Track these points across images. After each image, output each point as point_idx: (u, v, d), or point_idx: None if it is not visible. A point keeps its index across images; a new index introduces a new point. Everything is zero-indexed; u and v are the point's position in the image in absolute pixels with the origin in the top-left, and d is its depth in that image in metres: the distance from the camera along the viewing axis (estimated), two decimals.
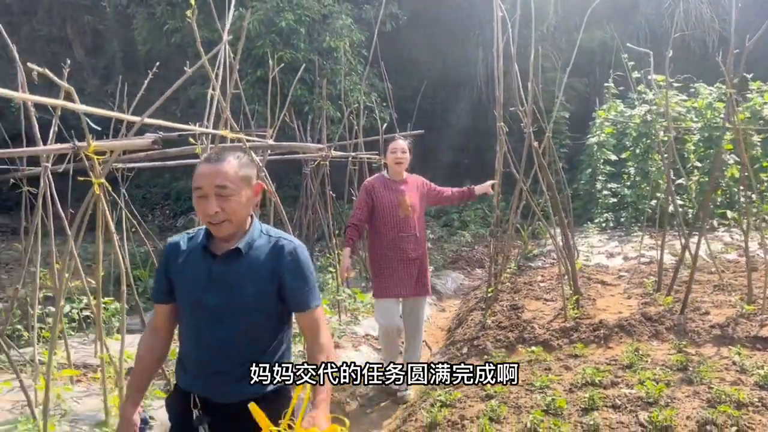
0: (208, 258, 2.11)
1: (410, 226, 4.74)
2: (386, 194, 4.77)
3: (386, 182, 4.84)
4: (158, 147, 2.86)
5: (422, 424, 3.87)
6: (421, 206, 4.86)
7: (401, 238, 4.71)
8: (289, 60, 11.91)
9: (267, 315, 2.13)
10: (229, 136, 4.04)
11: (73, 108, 2.64)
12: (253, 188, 2.13)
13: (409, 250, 4.72)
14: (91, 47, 17.91)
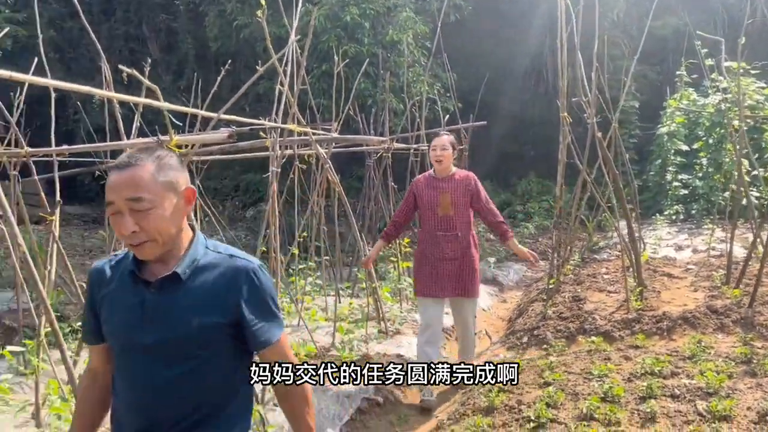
0: (139, 286, 1.68)
1: (450, 225, 4.53)
2: (428, 192, 4.61)
3: (430, 180, 4.66)
4: (232, 141, 3.07)
5: (480, 407, 3.98)
6: (464, 205, 4.58)
7: (439, 237, 4.53)
8: (353, 54, 12.11)
9: (217, 355, 1.69)
10: (296, 130, 4.24)
11: (156, 105, 2.88)
12: (183, 194, 1.65)
13: (446, 250, 4.52)
14: (165, 45, 18.65)
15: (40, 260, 4.36)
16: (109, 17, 18.25)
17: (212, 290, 1.67)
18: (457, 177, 4.62)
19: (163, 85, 17.28)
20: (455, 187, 4.56)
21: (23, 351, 4.00)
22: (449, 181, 4.58)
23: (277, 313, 1.75)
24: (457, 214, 4.52)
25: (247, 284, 1.68)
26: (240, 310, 1.67)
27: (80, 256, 9.58)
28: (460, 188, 4.57)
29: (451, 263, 4.53)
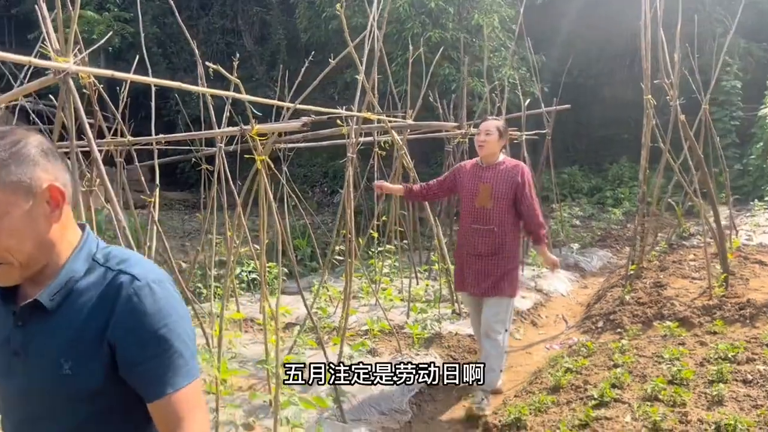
0: (9, 315, 1.26)
1: (487, 219, 4.07)
2: (469, 180, 4.21)
3: (474, 167, 4.27)
4: (308, 129, 3.32)
5: (546, 386, 4.08)
6: (506, 199, 4.06)
7: (474, 230, 4.13)
8: (437, 40, 12.19)
9: (111, 411, 1.25)
10: (370, 118, 4.45)
11: (240, 98, 3.17)
12: (43, 196, 1.19)
13: (479, 245, 4.10)
14: (258, 36, 19.38)
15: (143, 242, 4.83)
16: (207, 12, 19.17)
17: (86, 322, 1.20)
18: (503, 167, 4.14)
19: (256, 76, 18.10)
20: (498, 177, 4.10)
21: None
22: (493, 171, 4.14)
23: (181, 351, 1.21)
24: (497, 207, 4.06)
25: (125, 310, 1.19)
26: (115, 346, 1.20)
27: (180, 238, 10.33)
28: (504, 179, 4.08)
29: (481, 260, 4.10)
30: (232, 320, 5.42)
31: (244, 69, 18.91)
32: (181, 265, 6.71)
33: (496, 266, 4.06)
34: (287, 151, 7.38)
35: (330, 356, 4.36)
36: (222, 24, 19.10)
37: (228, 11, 19.35)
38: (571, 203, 13.08)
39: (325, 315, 5.42)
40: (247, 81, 17.94)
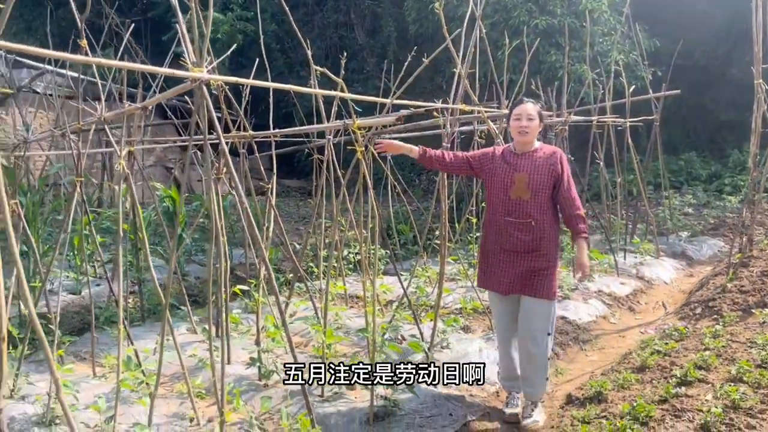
0: None
1: (523, 211, 3.66)
2: (502, 168, 3.77)
3: (507, 155, 3.82)
4: (402, 122, 3.69)
5: (633, 366, 4.23)
6: (545, 189, 3.66)
7: (508, 224, 3.69)
8: (544, 26, 12.16)
9: None
10: (463, 109, 4.75)
11: (342, 96, 3.61)
12: None
13: (514, 240, 3.69)
14: (370, 29, 19.98)
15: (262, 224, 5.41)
16: (322, 8, 20.01)
17: None
18: (540, 154, 3.73)
19: (367, 68, 18.70)
20: (536, 166, 3.68)
21: (248, 289, 5.05)
22: (529, 158, 3.72)
23: None
24: (535, 198, 3.65)
25: None
26: None
27: (295, 222, 11.11)
28: (543, 168, 3.67)
29: (519, 257, 3.70)
30: (340, 296, 5.95)
31: (355, 62, 19.68)
32: (295, 246, 7.31)
33: (533, 264, 3.66)
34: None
35: (425, 330, 4.75)
36: (335, 18, 19.87)
37: (341, 6, 20.09)
38: (687, 190, 12.62)
39: (422, 294, 5.79)
40: (359, 73, 18.63)
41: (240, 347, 4.60)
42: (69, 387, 3.62)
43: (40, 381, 3.99)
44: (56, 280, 5.12)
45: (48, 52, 2.27)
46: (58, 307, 4.60)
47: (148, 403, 3.26)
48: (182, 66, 2.84)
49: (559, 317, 5.40)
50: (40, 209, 7.31)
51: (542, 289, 3.66)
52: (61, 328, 4.49)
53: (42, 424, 3.44)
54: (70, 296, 6.38)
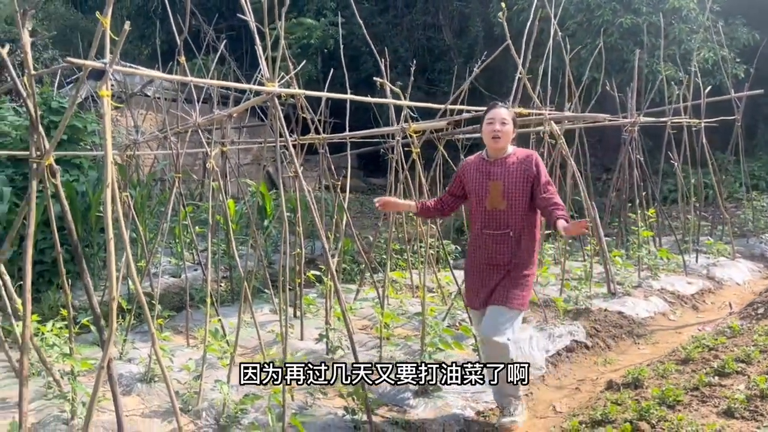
0: None
1: (500, 222, 3.47)
2: (476, 178, 3.59)
3: (479, 163, 3.62)
4: (454, 126, 4.09)
5: (678, 358, 4.41)
6: (522, 196, 3.45)
7: (486, 236, 3.52)
8: (629, 25, 12.05)
9: None
10: (523, 113, 5.06)
11: (399, 104, 4.05)
12: None
13: (494, 253, 3.50)
14: (457, 30, 20.27)
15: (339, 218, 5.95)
16: (410, 10, 20.50)
17: None
18: (512, 159, 3.52)
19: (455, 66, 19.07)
20: (509, 172, 3.48)
21: (320, 275, 5.60)
22: (502, 165, 3.52)
23: None
24: (512, 208, 3.46)
25: None
26: None
27: (375, 218, 11.65)
28: (517, 173, 3.47)
29: (494, 270, 3.52)
30: (407, 286, 6.40)
31: (442, 62, 20.01)
32: (369, 239, 7.83)
33: (509, 274, 3.48)
34: (465, 141, 8.16)
35: None
36: (424, 20, 20.30)
37: (430, 8, 20.49)
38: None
39: None
40: (445, 73, 18.97)
41: (313, 327, 5.16)
42: (166, 352, 4.28)
43: (143, 347, 4.70)
44: (159, 264, 5.88)
45: (152, 72, 2.85)
46: (159, 287, 5.32)
47: (227, 364, 3.84)
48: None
49: (615, 311, 5.59)
50: (147, 202, 8.23)
51: (514, 299, 3.43)
52: (162, 305, 5.23)
53: (144, 381, 4.11)
54: (171, 279, 7.21)
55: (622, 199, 7.86)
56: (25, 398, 2.61)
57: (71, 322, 3.72)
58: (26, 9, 3.02)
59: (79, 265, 2.84)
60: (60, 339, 4.03)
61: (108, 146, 2.57)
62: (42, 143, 2.81)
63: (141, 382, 4.12)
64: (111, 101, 2.63)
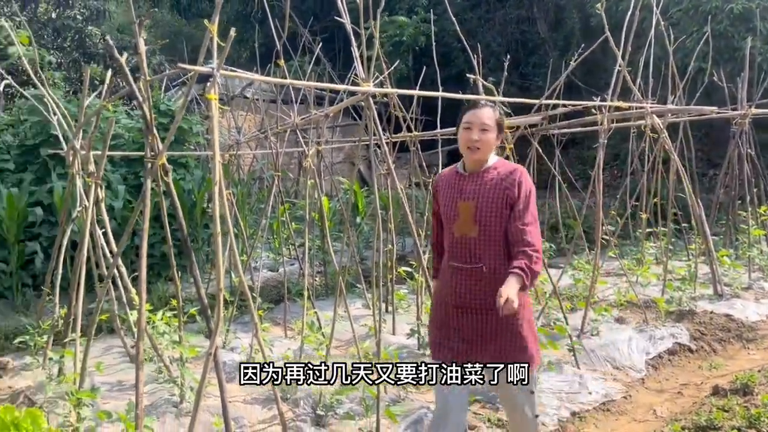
0: None
1: (470, 253, 2.67)
2: (446, 194, 2.81)
3: (452, 177, 2.84)
4: (548, 122, 4.01)
5: None
6: (498, 221, 2.63)
7: (453, 270, 2.73)
8: (740, 11, 11.32)
9: None
10: (623, 107, 4.89)
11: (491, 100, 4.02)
12: None
13: (462, 291, 2.69)
14: (553, 22, 19.76)
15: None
16: (504, 4, 20.20)
17: None
18: (491, 175, 2.70)
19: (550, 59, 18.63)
20: (485, 190, 2.68)
21: (411, 271, 5.65)
22: (477, 182, 2.72)
23: None
24: (485, 235, 2.65)
25: None
26: None
27: None
28: (494, 193, 2.66)
29: (468, 315, 2.69)
30: None
31: (537, 56, 19.60)
32: None
33: (502, 322, 2.61)
34: (560, 136, 7.97)
35: (577, 319, 5.00)
36: (517, 14, 19.93)
37: (524, 1, 20.11)
38: None
39: (579, 284, 5.97)
40: (540, 67, 18.55)
41: (404, 322, 5.22)
42: (266, 342, 4.46)
43: (245, 337, 4.93)
44: (259, 259, 6.14)
45: (255, 76, 3.00)
46: (259, 280, 5.56)
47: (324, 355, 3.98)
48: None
49: (722, 314, 5.31)
50: (247, 199, 8.60)
51: (514, 351, 2.65)
52: (261, 298, 5.47)
53: None
54: (269, 273, 7.50)
55: (730, 196, 7.43)
56: (141, 381, 2.81)
57: (181, 312, 3.96)
58: (141, 18, 3.25)
59: (189, 259, 3.03)
60: (169, 327, 4.30)
61: (215, 146, 2.73)
62: (156, 144, 3.02)
63: None
64: (218, 104, 2.79)
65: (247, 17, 20.45)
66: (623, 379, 4.26)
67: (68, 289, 5.42)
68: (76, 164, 4.42)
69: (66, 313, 4.40)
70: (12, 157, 6.65)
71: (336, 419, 3.58)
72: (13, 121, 7.13)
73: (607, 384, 4.11)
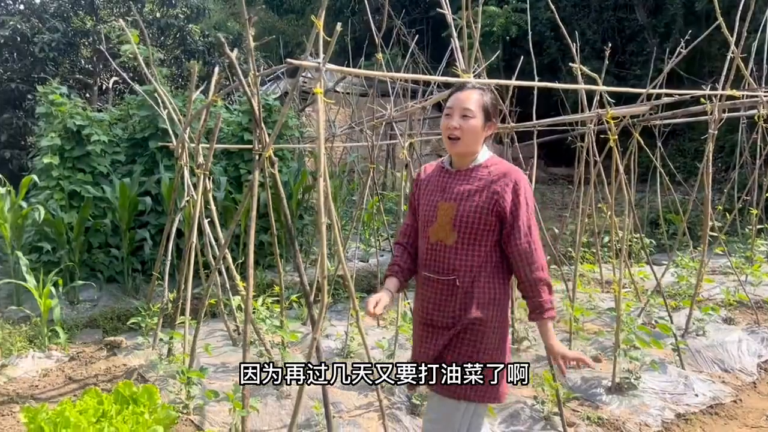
0: None
1: (444, 263, 2.29)
2: (428, 192, 2.42)
3: (437, 172, 2.45)
4: (653, 112, 3.84)
5: None
6: (481, 228, 2.24)
7: (426, 281, 2.35)
8: None
9: None
10: (736, 95, 4.62)
11: (593, 89, 3.90)
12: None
13: (431, 307, 2.32)
14: (652, 8, 18.88)
15: None
16: None
17: None
18: (481, 174, 2.30)
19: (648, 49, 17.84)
20: (470, 192, 2.28)
21: None
22: (463, 180, 2.33)
23: None
24: (464, 244, 2.26)
25: None
26: None
27: (558, 209, 11.33)
28: (481, 197, 2.26)
29: (436, 333, 2.32)
30: (596, 280, 6.17)
31: (634, 43, 18.82)
32: (555, 231, 7.62)
33: (464, 345, 2.27)
34: (663, 127, 7.62)
35: (681, 318, 4.79)
36: (614, 0, 19.19)
37: None
38: None
39: (683, 281, 5.70)
40: (637, 55, 17.80)
41: None
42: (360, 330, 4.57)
43: (339, 325, 5.05)
44: (357, 248, 6.25)
45: (358, 70, 3.04)
46: (354, 270, 5.67)
47: None
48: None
49: None
50: (339, 191, 8.76)
51: (474, 389, 2.23)
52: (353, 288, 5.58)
53: (341, 356, 4.43)
54: (359, 263, 7.63)
55: None
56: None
57: (283, 298, 4.10)
58: (250, 16, 3.38)
59: (292, 247, 3.14)
60: (269, 313, 4.46)
61: (321, 139, 2.80)
62: (264, 137, 3.13)
63: (338, 356, 4.43)
64: (324, 98, 2.86)
65: (338, 12, 20.77)
66: (732, 382, 4.05)
67: (174, 274, 5.76)
68: (184, 156, 4.67)
69: (175, 297, 4.65)
70: (122, 149, 7.08)
71: None
72: (123, 115, 7.57)
73: (714, 386, 3.91)
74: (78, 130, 6.52)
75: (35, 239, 6.28)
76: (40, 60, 11.14)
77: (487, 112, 2.29)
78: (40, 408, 3.18)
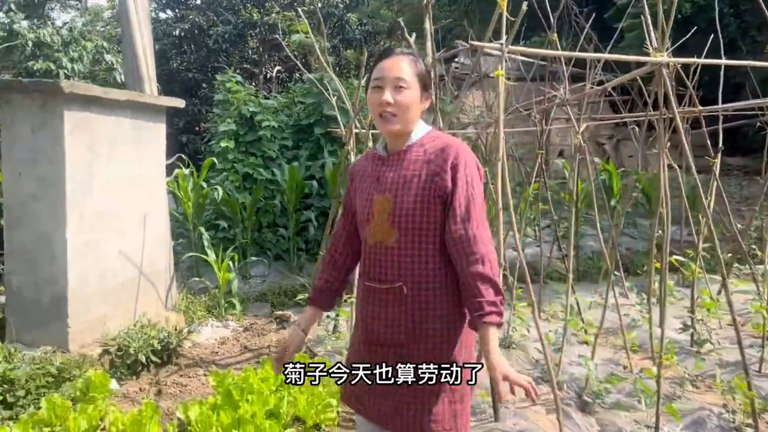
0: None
1: (386, 267, 1.88)
2: (363, 188, 2.00)
3: (370, 162, 2.02)
4: None
5: None
6: (428, 222, 1.83)
7: (367, 292, 1.95)
8: None
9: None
10: None
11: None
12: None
13: (375, 322, 1.91)
14: None
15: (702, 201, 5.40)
16: None
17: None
18: (415, 155, 1.89)
19: None
20: (405, 178, 1.87)
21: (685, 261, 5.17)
22: (397, 165, 1.91)
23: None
24: (406, 241, 1.84)
25: None
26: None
27: (736, 203, 10.33)
28: (418, 181, 1.85)
29: (384, 352, 1.91)
30: None
31: None
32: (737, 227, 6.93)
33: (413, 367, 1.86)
34: None
35: None
36: None
37: None
38: None
39: None
40: None
41: (671, 315, 4.82)
42: (523, 321, 4.46)
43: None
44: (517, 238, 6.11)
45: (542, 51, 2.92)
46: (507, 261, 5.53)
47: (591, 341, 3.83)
48: (632, 46, 3.22)
49: None
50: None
51: (431, 423, 1.82)
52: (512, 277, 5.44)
53: (502, 346, 4.35)
54: (514, 252, 7.44)
55: None
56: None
57: None
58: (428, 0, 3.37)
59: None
60: None
61: (500, 123, 2.73)
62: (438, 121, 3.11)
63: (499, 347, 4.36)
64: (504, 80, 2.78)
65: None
66: None
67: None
68: (351, 142, 4.79)
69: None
70: (288, 135, 7.45)
71: (603, 408, 3.43)
72: (288, 102, 7.96)
73: None
74: (251, 116, 6.95)
75: (212, 217, 6.81)
76: (213, 51, 12.03)
77: (423, 80, 1.90)
78: (227, 373, 3.44)
